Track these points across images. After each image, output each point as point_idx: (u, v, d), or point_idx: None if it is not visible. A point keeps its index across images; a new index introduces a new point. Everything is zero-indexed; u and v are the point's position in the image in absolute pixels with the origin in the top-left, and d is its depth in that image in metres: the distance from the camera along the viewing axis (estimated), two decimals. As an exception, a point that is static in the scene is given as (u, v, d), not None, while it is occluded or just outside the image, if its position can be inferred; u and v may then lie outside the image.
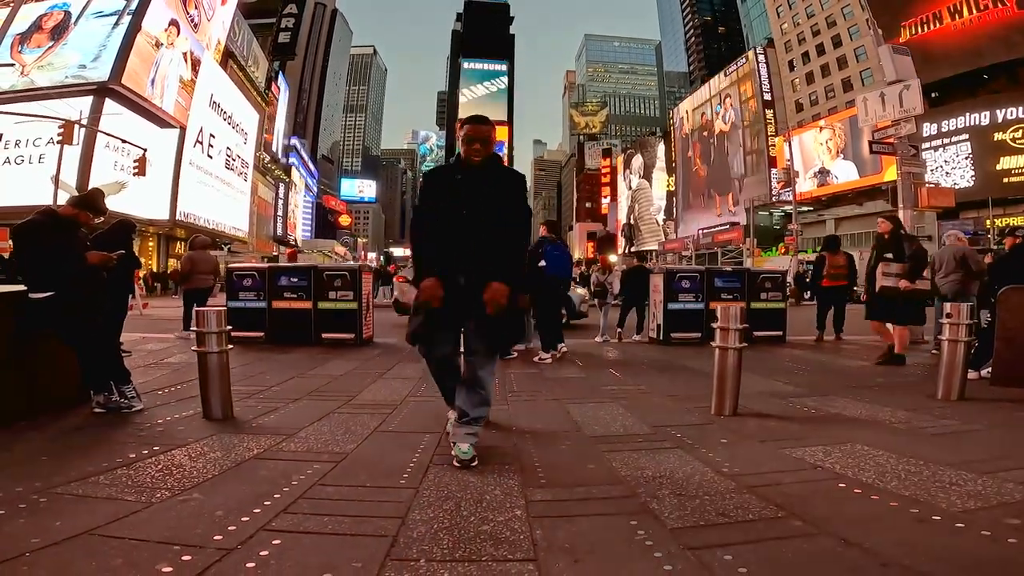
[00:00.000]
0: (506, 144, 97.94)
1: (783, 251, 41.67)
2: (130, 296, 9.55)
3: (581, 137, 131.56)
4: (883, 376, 6.60)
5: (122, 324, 7.89)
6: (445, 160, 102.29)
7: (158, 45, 30.38)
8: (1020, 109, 32.45)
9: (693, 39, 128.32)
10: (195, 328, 4.29)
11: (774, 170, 51.34)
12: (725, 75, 67.41)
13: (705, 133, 71.97)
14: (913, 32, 37.62)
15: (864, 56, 52.90)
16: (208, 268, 10.78)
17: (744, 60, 64.43)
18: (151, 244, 34.10)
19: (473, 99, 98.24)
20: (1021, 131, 32.05)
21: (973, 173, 33.85)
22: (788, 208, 42.68)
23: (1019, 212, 30.84)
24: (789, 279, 17.27)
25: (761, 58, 61.60)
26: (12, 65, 19.74)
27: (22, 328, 4.27)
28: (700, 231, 65.52)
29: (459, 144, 3.36)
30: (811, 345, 9.95)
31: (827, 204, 47.39)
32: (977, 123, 34.22)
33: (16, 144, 25.91)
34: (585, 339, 10.40)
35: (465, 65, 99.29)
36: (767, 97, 58.75)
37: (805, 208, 47.67)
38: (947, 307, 5.20)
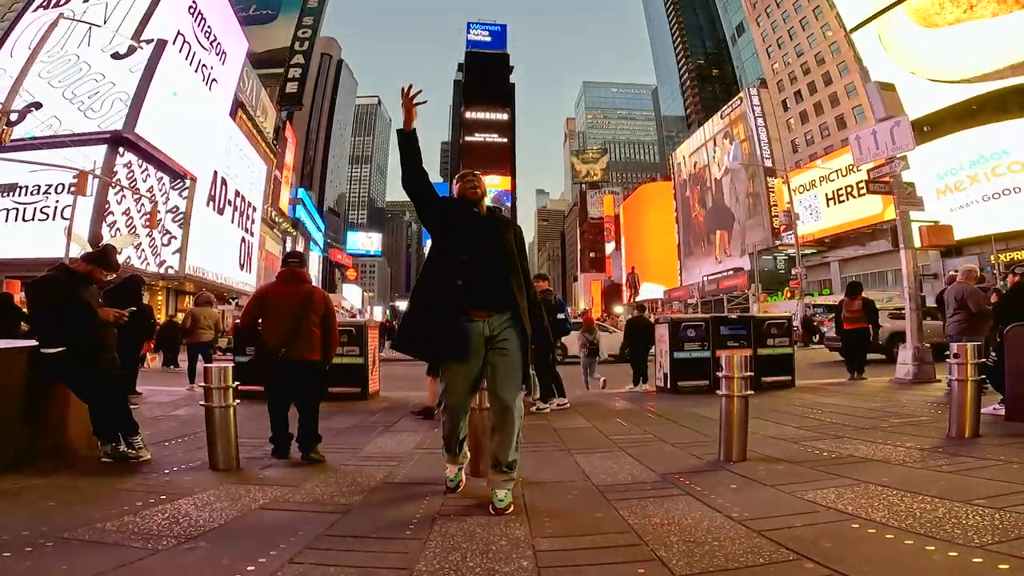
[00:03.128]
0: (510, 193, 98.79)
1: (788, 295, 41.57)
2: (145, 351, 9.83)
3: (583, 185, 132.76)
4: (896, 416, 6.54)
5: (134, 378, 8.07)
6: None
7: (171, 95, 30.75)
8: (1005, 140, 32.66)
9: (688, 82, 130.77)
10: (202, 384, 4.36)
11: (775, 210, 51.55)
12: (721, 117, 68.18)
13: (703, 178, 72.37)
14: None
15: (854, 92, 53.21)
16: (210, 323, 11.17)
17: (738, 102, 65.03)
18: (160, 297, 34.29)
19: (476, 148, 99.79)
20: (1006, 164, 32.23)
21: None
22: (791, 251, 42.72)
23: (1022, 246, 30.97)
24: (796, 323, 17.33)
25: (755, 99, 62.15)
26: (30, 110, 20.16)
27: (34, 380, 4.41)
28: (705, 278, 65.49)
29: (457, 195, 3.52)
30: (822, 388, 9.87)
31: (830, 246, 47.48)
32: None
33: (29, 192, 25.97)
34: (580, 389, 10.36)
35: (467, 115, 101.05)
36: (762, 138, 59.12)
37: (808, 251, 47.76)
38: (953, 347, 5.19)
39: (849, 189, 42.22)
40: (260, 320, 4.87)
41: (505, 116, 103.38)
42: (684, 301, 71.59)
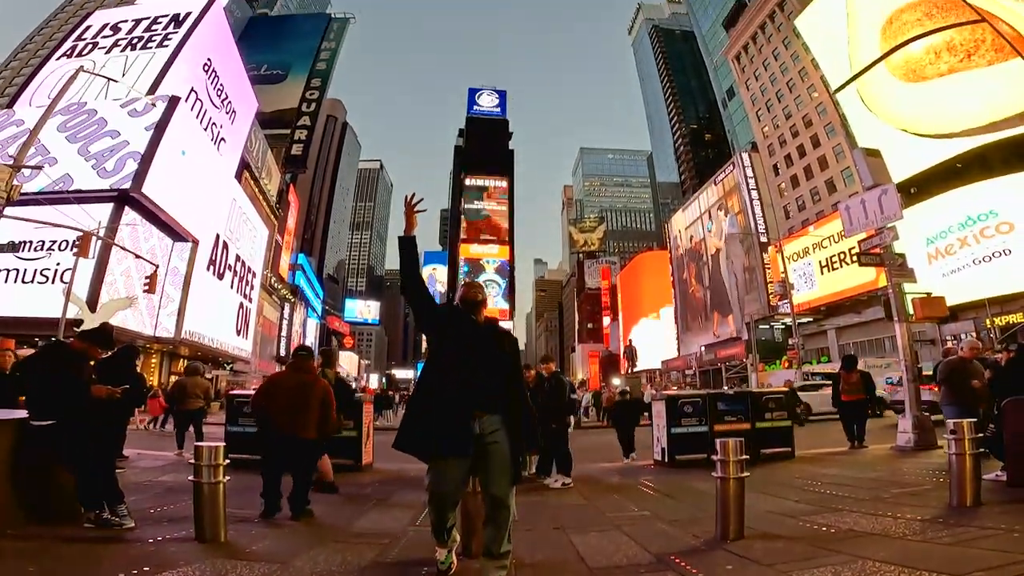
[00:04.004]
0: (508, 263, 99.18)
1: (786, 365, 41.35)
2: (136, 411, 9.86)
3: (580, 255, 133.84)
4: (897, 486, 6.46)
5: (121, 442, 8.08)
6: (448, 281, 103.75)
7: (180, 153, 30.90)
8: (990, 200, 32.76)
9: (682, 147, 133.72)
10: (192, 460, 4.40)
11: (770, 277, 51.74)
12: (715, 184, 68.75)
13: (699, 253, 72.19)
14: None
15: (842, 154, 53.68)
16: (199, 391, 11.32)
17: (731, 167, 65.33)
18: (154, 361, 34.02)
19: (475, 216, 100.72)
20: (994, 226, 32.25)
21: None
22: (787, 320, 42.75)
23: (1017, 309, 30.48)
24: (801, 395, 17.61)
25: (747, 162, 62.15)
26: (42, 168, 20.28)
27: (20, 449, 4.48)
28: (702, 347, 65.16)
29: (459, 299, 3.73)
30: (822, 458, 9.80)
31: (826, 314, 47.56)
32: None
33: (33, 247, 25.83)
34: (581, 464, 10.24)
35: (467, 182, 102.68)
36: (756, 207, 59.46)
37: (805, 320, 47.75)
38: (949, 424, 5.27)
39: (842, 256, 42.37)
40: (267, 402, 5.52)
41: (504, 183, 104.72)
42: (682, 371, 71.00)
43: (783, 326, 50.84)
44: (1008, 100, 32.07)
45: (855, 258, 15.62)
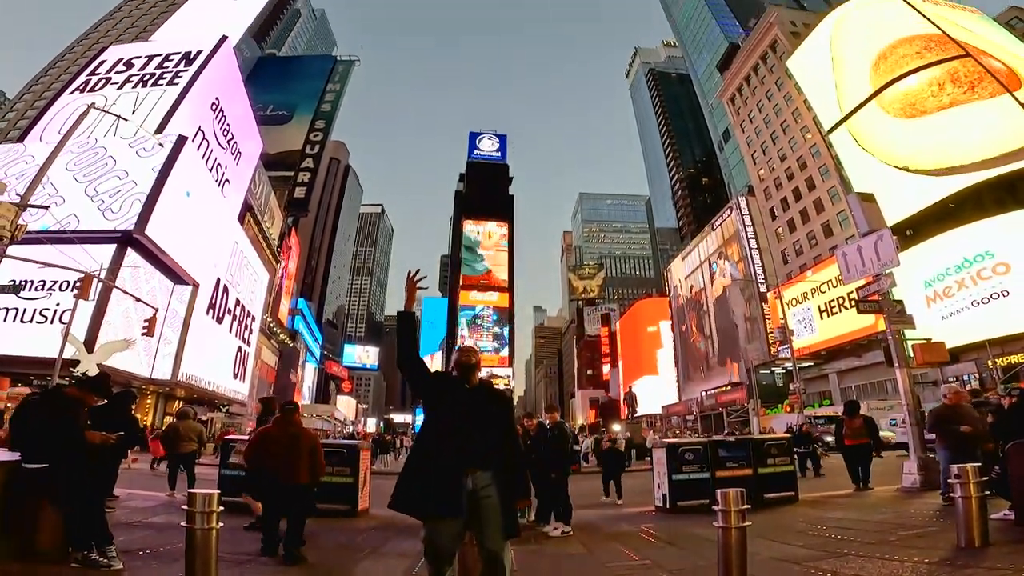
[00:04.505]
0: (506, 312, 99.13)
1: (788, 409, 41.01)
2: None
3: (580, 302, 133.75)
4: (904, 528, 6.34)
5: (112, 485, 8.04)
6: (447, 329, 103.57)
7: (185, 195, 30.77)
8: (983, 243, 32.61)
9: (680, 192, 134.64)
10: (186, 506, 4.35)
11: (769, 326, 51.67)
12: (713, 229, 69.03)
13: (699, 302, 71.81)
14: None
15: (837, 197, 53.71)
16: (192, 435, 11.39)
17: (728, 211, 65.63)
18: (149, 401, 33.63)
19: (474, 272, 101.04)
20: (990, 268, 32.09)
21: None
22: (788, 365, 42.54)
23: (1018, 350, 30.05)
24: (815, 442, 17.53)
25: (744, 206, 62.64)
26: (48, 208, 20.20)
27: (10, 490, 4.52)
28: (703, 393, 64.60)
29: (454, 364, 3.83)
30: (827, 501, 9.69)
31: (827, 358, 47.27)
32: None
33: (34, 287, 25.53)
34: (581, 510, 10.09)
35: (467, 227, 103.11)
36: (755, 258, 59.67)
37: (805, 364, 47.45)
38: (953, 468, 5.32)
39: (841, 301, 42.23)
40: (260, 454, 6.09)
41: (504, 229, 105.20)
42: (683, 416, 70.21)
43: (784, 371, 50.60)
44: (1002, 135, 32.35)
45: (854, 303, 15.69)
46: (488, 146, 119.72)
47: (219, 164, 37.79)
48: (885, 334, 12.66)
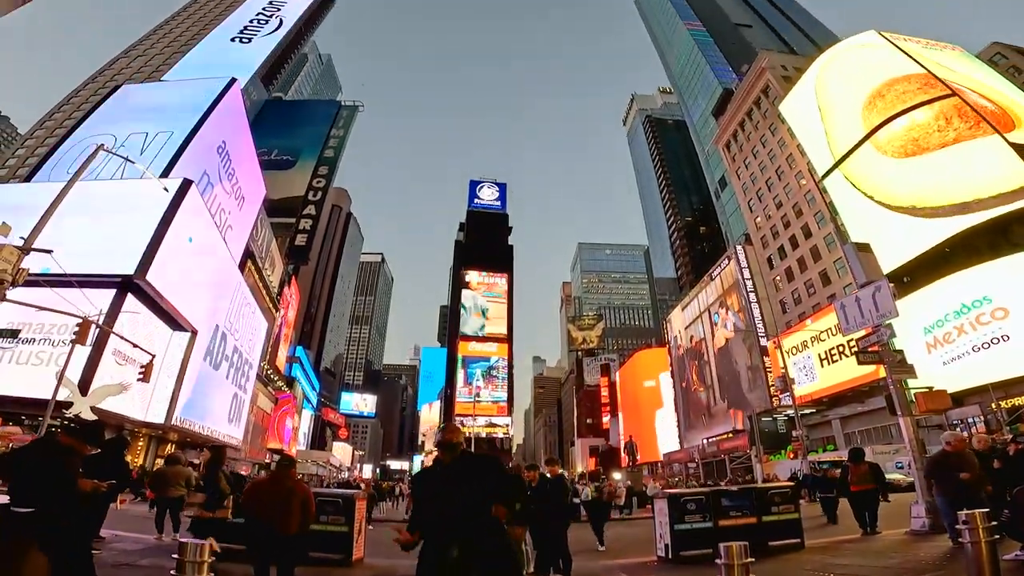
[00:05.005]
0: (506, 361, 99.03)
1: (792, 455, 40.48)
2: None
3: (579, 353, 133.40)
4: (915, 572, 6.22)
5: (98, 528, 8.19)
6: (446, 379, 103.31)
7: (187, 240, 30.51)
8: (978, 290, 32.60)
9: (678, 241, 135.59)
10: (176, 554, 4.34)
11: (770, 375, 51.36)
12: (711, 279, 69.17)
13: (700, 352, 71.57)
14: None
15: (834, 245, 53.86)
16: (180, 480, 11.38)
17: (726, 260, 65.86)
18: (140, 444, 33.07)
19: (473, 314, 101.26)
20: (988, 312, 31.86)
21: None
22: (790, 412, 42.14)
23: (1021, 392, 29.71)
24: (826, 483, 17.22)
25: (743, 261, 62.79)
26: (51, 252, 20.09)
27: None
28: (705, 440, 63.81)
29: (436, 444, 4.29)
30: (835, 547, 9.57)
31: (829, 405, 46.75)
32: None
33: (32, 328, 24.99)
34: (580, 560, 9.89)
35: (466, 278, 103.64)
36: (755, 310, 59.67)
37: (808, 411, 47.01)
38: (962, 515, 5.36)
39: (841, 348, 42.10)
40: (255, 505, 6.48)
41: (503, 279, 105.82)
42: (685, 464, 69.26)
43: (786, 418, 50.15)
44: (1003, 173, 32.61)
45: (854, 352, 15.71)
46: (488, 195, 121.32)
47: (223, 209, 37.80)
48: (887, 382, 12.67)
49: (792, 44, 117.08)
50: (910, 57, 40.67)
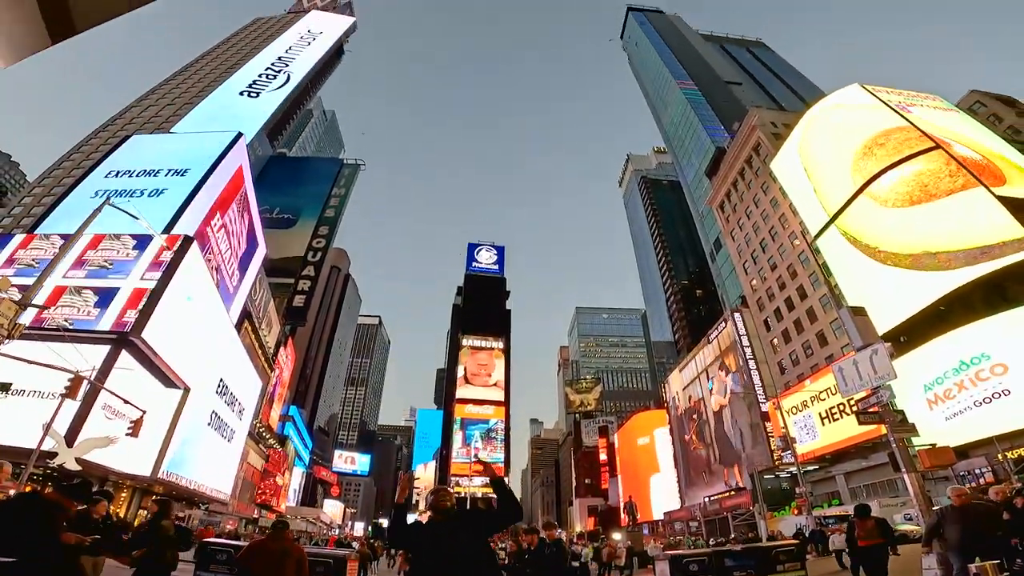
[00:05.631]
0: (503, 423, 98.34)
1: (796, 512, 39.58)
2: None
3: (577, 415, 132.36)
4: None
5: None
6: (442, 440, 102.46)
7: (186, 299, 30.33)
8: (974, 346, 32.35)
9: (675, 305, 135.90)
10: None
11: (771, 433, 50.78)
12: (709, 342, 69.17)
13: (699, 411, 71.20)
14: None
15: (829, 306, 53.86)
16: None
17: (723, 324, 65.93)
18: (124, 495, 32.11)
19: (470, 378, 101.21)
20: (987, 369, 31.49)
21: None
22: (793, 470, 41.44)
23: None
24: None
25: (741, 328, 62.81)
26: (48, 307, 19.90)
27: None
28: (707, 499, 62.54)
29: (429, 507, 4.57)
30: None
31: (832, 461, 45.81)
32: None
33: (19, 376, 24.93)
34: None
35: (464, 342, 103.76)
36: (752, 366, 59.40)
37: (811, 467, 46.24)
38: (972, 567, 6.05)
39: (841, 407, 41.72)
40: (251, 562, 6.82)
41: (501, 344, 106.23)
42: (686, 522, 67.70)
43: (788, 474, 49.35)
44: (998, 224, 32.71)
45: (855, 407, 15.61)
46: (486, 258, 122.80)
47: (223, 268, 37.82)
48: (889, 440, 12.64)
49: (780, 100, 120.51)
50: (894, 111, 41.62)
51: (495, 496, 4.65)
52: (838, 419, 43.08)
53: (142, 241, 30.40)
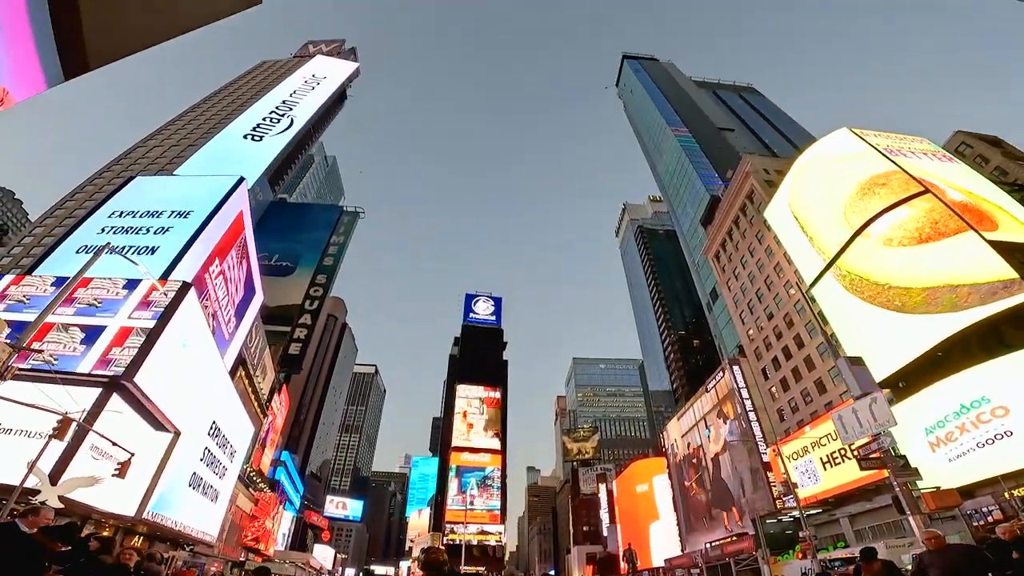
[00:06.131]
0: (499, 471, 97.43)
1: (800, 556, 38.70)
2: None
3: (575, 463, 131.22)
4: None
5: None
6: (437, 487, 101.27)
7: (181, 345, 30.01)
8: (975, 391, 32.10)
9: (672, 355, 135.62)
10: None
11: (772, 479, 50.13)
12: (706, 390, 68.93)
13: (698, 458, 70.62)
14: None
15: (827, 354, 53.63)
16: None
17: (721, 373, 65.80)
18: (106, 534, 31.07)
19: (467, 427, 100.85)
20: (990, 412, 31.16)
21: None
22: (795, 514, 40.71)
23: None
24: None
25: (739, 380, 62.58)
26: (42, 351, 19.70)
27: None
28: (708, 544, 61.28)
29: (421, 566, 4.64)
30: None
31: (836, 504, 44.84)
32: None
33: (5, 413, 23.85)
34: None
35: (461, 392, 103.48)
36: (750, 410, 59.03)
37: (814, 511, 45.27)
38: None
39: (843, 451, 41.20)
40: None
41: (497, 394, 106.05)
42: (688, 569, 66.22)
43: (791, 519, 48.54)
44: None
45: (857, 456, 15.48)
46: (483, 309, 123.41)
47: (219, 314, 37.55)
48: (892, 483, 12.49)
49: (772, 145, 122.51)
50: (883, 155, 42.10)
51: (489, 543, 4.56)
52: (840, 463, 42.56)
53: (132, 282, 30.38)
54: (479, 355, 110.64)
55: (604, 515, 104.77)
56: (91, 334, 27.63)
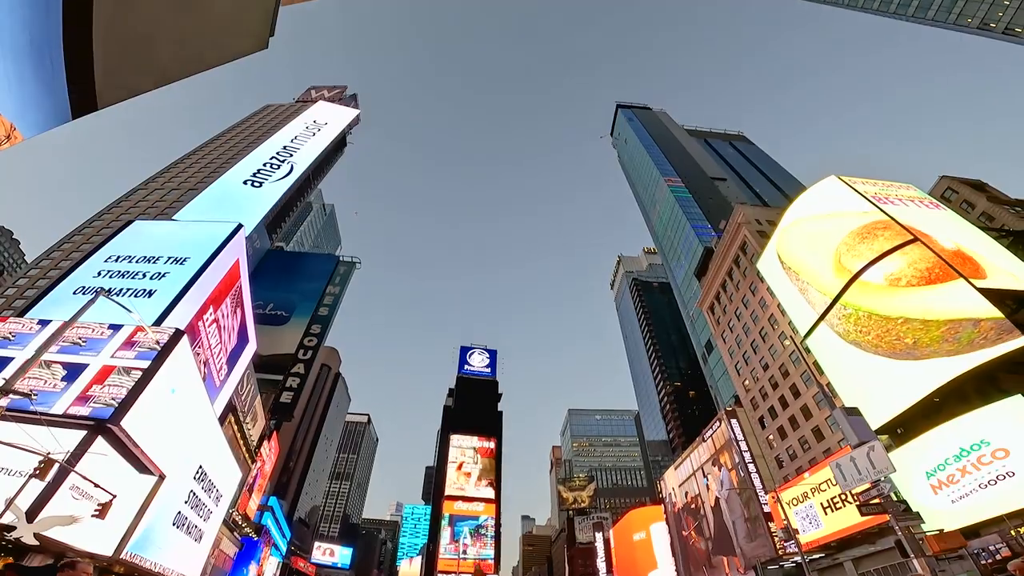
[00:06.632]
0: (493, 519, 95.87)
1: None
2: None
3: (570, 512, 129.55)
4: None
5: None
6: (429, 535, 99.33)
7: (170, 391, 29.52)
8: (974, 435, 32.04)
9: (668, 405, 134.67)
10: None
11: (772, 527, 49.16)
12: (703, 440, 68.36)
13: (696, 507, 69.91)
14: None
15: (824, 403, 53.41)
16: None
17: (718, 423, 65.42)
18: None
19: (461, 476, 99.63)
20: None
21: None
22: (798, 559, 39.76)
23: None
24: None
25: (737, 431, 62.22)
26: (31, 395, 19.29)
27: None
28: (710, 591, 59.97)
29: None
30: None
31: (838, 548, 43.82)
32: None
33: None
34: None
35: (455, 442, 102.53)
36: (749, 462, 58.32)
37: (817, 555, 44.38)
38: None
39: (844, 496, 40.80)
40: None
41: (492, 444, 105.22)
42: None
43: (794, 563, 47.43)
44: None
45: (857, 502, 15.31)
46: (478, 361, 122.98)
47: (211, 362, 37.11)
48: (895, 528, 12.29)
49: (763, 195, 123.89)
50: (874, 205, 42.28)
51: None
52: (840, 508, 42.07)
53: (117, 325, 30.07)
54: (474, 406, 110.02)
55: (601, 564, 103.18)
56: (72, 372, 27.13)
